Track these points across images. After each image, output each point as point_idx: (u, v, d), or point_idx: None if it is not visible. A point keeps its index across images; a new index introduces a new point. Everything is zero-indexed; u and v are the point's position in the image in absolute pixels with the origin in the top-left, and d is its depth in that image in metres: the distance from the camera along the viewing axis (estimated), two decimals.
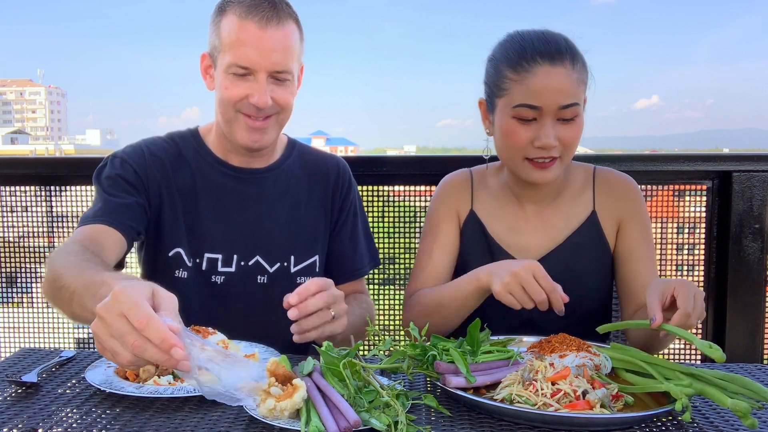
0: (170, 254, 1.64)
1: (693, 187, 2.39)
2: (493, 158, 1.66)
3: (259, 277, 1.68)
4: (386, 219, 2.46)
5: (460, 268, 1.66)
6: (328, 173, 1.78)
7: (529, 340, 1.42)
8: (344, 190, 1.78)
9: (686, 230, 2.47)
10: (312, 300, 1.27)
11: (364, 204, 2.43)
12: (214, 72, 1.62)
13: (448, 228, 1.67)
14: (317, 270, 1.73)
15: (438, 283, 1.64)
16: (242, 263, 1.66)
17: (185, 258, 1.64)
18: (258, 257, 1.67)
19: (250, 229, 1.67)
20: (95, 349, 1.26)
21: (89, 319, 1.09)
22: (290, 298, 1.27)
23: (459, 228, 1.67)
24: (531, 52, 1.45)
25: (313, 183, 1.75)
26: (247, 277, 1.67)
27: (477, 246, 1.65)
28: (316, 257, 1.73)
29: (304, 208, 1.72)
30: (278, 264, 1.68)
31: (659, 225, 2.43)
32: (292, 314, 1.27)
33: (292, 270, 1.70)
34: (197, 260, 1.65)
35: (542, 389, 1.09)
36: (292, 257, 1.70)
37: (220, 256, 1.65)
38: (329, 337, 1.31)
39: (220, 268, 1.66)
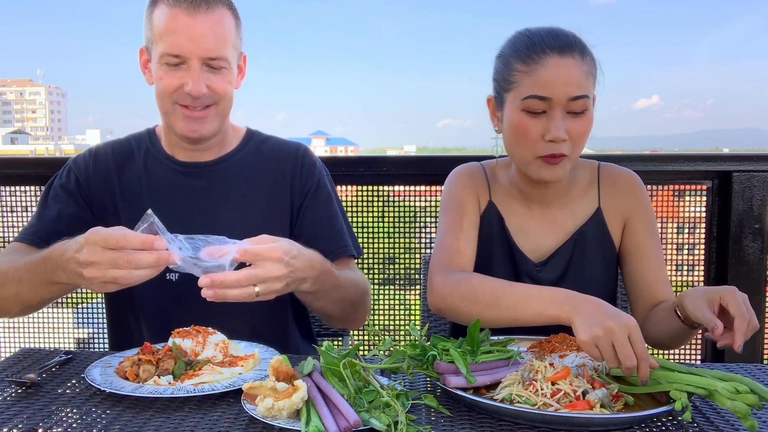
0: None
1: (693, 187, 2.39)
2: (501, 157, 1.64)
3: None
4: (386, 219, 2.46)
5: (477, 259, 1.60)
6: (286, 158, 1.71)
7: (529, 340, 1.42)
8: (304, 172, 1.70)
9: (686, 230, 2.48)
10: (230, 277, 1.20)
11: (365, 203, 2.43)
12: (151, 65, 1.59)
13: (473, 209, 1.61)
14: None
15: (471, 260, 1.58)
16: None
17: None
18: None
19: (200, 223, 1.59)
20: (95, 349, 1.28)
21: (43, 294, 1.37)
22: (202, 281, 1.19)
23: (479, 213, 1.62)
24: (540, 45, 1.44)
25: (268, 170, 1.69)
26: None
27: (496, 239, 1.61)
28: None
29: (259, 197, 1.66)
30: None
31: (659, 225, 2.44)
32: (206, 293, 1.20)
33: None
34: None
35: (542, 389, 1.09)
36: None
37: None
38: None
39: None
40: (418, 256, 2.49)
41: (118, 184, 1.65)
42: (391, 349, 1.25)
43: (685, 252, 2.52)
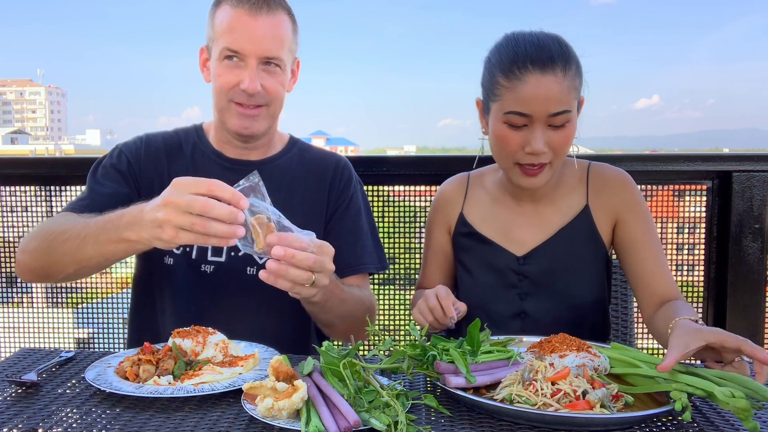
0: None
1: (693, 187, 2.39)
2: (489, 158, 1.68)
3: (248, 268, 1.68)
4: (386, 219, 2.46)
5: (461, 270, 1.73)
6: (326, 168, 1.78)
7: (529, 340, 1.42)
8: (341, 185, 1.77)
9: (686, 230, 2.48)
10: (301, 254, 1.25)
11: None
12: (210, 63, 1.66)
13: (438, 237, 1.76)
14: None
15: (435, 286, 1.69)
16: (232, 253, 1.67)
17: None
18: None
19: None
20: (95, 349, 1.28)
21: (106, 253, 1.36)
22: (277, 251, 1.23)
23: (450, 234, 1.75)
24: (523, 59, 1.47)
25: (309, 178, 1.76)
26: (236, 268, 1.67)
27: (469, 246, 1.70)
28: None
29: (297, 202, 1.72)
30: (268, 255, 1.68)
31: (659, 225, 2.43)
32: (276, 252, 1.23)
33: None
34: (187, 248, 1.67)
35: (542, 389, 1.09)
36: None
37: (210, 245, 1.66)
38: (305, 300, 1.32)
39: (210, 257, 1.67)
40: (418, 256, 2.49)
41: (167, 171, 1.71)
42: (391, 349, 1.25)
43: (685, 252, 2.52)
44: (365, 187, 2.39)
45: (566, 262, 1.62)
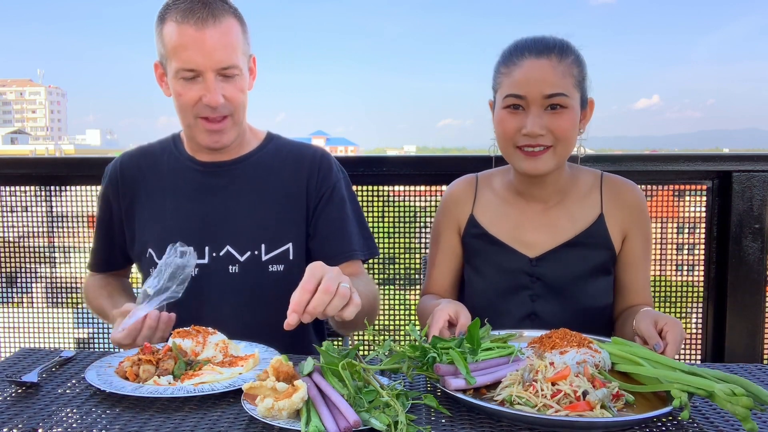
0: (146, 256, 1.71)
1: (693, 187, 2.39)
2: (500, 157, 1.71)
3: (230, 266, 1.68)
4: (386, 219, 2.46)
5: (470, 272, 1.72)
6: (302, 160, 1.77)
7: (529, 335, 1.42)
8: (320, 175, 1.76)
9: (686, 230, 2.47)
10: (312, 306, 1.19)
11: (365, 203, 2.43)
12: (167, 79, 1.66)
13: (447, 238, 1.76)
14: (291, 258, 1.71)
15: (441, 288, 1.76)
16: (213, 254, 1.68)
17: (155, 258, 1.70)
18: (228, 247, 1.69)
19: (219, 219, 1.70)
20: (95, 349, 1.30)
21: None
22: (290, 319, 1.18)
23: (460, 235, 1.74)
24: (521, 49, 1.56)
25: (285, 171, 1.76)
26: (218, 268, 1.68)
27: (479, 248, 1.70)
28: (289, 245, 1.71)
29: (275, 196, 1.73)
30: (249, 253, 1.69)
31: (659, 225, 2.43)
32: (305, 319, 1.19)
33: (264, 258, 1.69)
34: None
35: (542, 390, 1.09)
36: (263, 245, 1.70)
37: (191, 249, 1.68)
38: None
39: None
40: (418, 256, 2.49)
41: (144, 184, 1.76)
42: (391, 349, 1.25)
43: (685, 252, 2.52)
44: (365, 187, 2.40)
45: (580, 268, 1.62)
